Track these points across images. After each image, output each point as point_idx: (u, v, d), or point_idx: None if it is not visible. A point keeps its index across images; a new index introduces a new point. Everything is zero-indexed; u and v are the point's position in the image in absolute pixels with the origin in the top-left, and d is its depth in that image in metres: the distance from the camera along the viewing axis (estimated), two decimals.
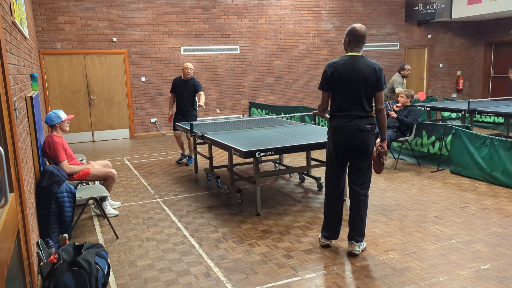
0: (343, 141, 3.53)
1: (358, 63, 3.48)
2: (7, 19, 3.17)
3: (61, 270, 2.96)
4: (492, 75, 14.40)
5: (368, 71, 3.46)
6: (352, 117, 3.49)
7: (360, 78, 3.45)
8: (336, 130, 3.56)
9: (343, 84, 3.50)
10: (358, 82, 3.46)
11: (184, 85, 7.08)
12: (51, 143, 4.45)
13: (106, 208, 4.85)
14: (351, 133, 3.48)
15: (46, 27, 9.55)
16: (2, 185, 1.95)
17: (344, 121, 3.51)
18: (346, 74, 3.47)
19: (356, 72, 3.46)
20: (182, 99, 7.13)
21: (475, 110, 7.44)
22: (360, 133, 3.47)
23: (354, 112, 3.50)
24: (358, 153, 3.53)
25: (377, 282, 3.21)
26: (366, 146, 3.51)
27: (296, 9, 11.97)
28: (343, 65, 3.50)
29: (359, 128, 3.46)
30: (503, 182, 5.39)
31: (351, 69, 3.46)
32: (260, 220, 4.60)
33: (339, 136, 3.54)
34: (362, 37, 3.52)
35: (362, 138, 3.48)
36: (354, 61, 3.48)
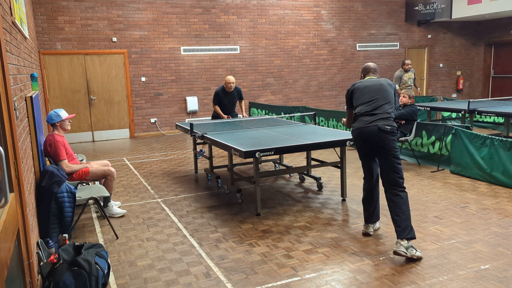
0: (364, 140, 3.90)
1: (375, 79, 4.01)
2: (7, 19, 3.17)
3: (61, 270, 2.96)
4: (492, 75, 14.40)
5: (384, 83, 3.96)
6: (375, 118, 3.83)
7: (378, 86, 3.92)
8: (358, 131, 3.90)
9: (363, 94, 3.91)
10: (377, 90, 3.89)
11: (229, 97, 7.46)
12: (52, 142, 4.45)
13: (112, 208, 4.85)
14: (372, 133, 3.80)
15: (46, 27, 9.55)
16: (2, 185, 1.95)
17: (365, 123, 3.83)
18: (366, 84, 3.95)
19: (374, 83, 3.95)
20: (228, 107, 7.53)
21: (475, 110, 7.44)
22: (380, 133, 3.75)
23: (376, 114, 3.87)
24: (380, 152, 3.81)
25: (377, 282, 3.21)
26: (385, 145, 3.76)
27: (296, 9, 11.97)
28: (361, 82, 4.01)
29: (379, 128, 3.73)
30: (503, 182, 5.39)
31: (370, 82, 3.96)
32: (260, 220, 4.60)
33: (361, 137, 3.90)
34: (374, 68, 4.11)
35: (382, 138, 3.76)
36: (371, 79, 4.03)
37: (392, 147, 3.73)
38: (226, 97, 7.39)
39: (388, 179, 3.72)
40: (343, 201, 5.11)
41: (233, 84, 7.30)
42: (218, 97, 7.39)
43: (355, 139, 3.92)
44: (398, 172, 3.73)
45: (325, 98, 12.75)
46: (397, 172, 3.73)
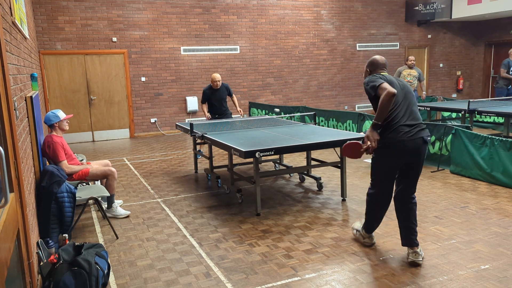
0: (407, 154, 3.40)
1: (397, 79, 3.54)
2: (7, 19, 3.17)
3: (61, 270, 2.96)
4: (492, 75, 14.39)
5: (406, 84, 3.56)
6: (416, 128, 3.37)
7: (409, 89, 3.49)
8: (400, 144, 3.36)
9: (399, 96, 3.39)
10: (406, 93, 3.45)
11: (216, 94, 7.46)
12: (50, 143, 4.45)
13: (116, 210, 4.84)
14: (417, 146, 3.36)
15: (46, 27, 9.55)
16: (2, 185, 1.95)
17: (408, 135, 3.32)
18: (398, 85, 3.45)
19: (399, 83, 3.48)
20: (218, 103, 7.52)
21: (475, 110, 7.43)
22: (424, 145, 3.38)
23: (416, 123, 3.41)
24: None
25: (377, 282, 3.21)
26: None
27: (296, 9, 11.97)
28: (389, 78, 3.46)
29: (424, 141, 3.34)
30: (503, 182, 5.39)
31: (396, 82, 3.46)
32: (260, 220, 4.60)
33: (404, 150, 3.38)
34: (384, 64, 3.60)
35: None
36: (391, 77, 3.50)
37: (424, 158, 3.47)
38: (214, 94, 7.43)
39: (413, 190, 3.50)
40: (343, 201, 5.11)
41: (219, 82, 7.36)
42: (206, 95, 7.44)
43: (394, 153, 3.35)
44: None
45: (325, 98, 12.75)
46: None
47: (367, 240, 3.84)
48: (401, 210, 3.51)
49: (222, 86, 7.51)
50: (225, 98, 7.55)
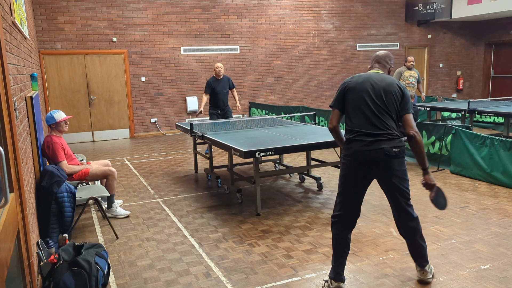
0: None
1: (372, 77, 3.07)
2: (7, 19, 3.17)
3: (61, 270, 2.96)
4: (492, 75, 14.39)
5: (386, 86, 3.00)
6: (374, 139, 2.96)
7: (384, 93, 2.98)
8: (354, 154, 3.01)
9: (355, 100, 3.02)
10: (371, 97, 2.99)
11: (220, 84, 7.56)
12: (50, 143, 4.45)
13: (116, 210, 4.84)
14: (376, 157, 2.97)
15: (46, 27, 9.55)
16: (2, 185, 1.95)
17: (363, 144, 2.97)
18: (357, 87, 3.04)
19: (379, 87, 3.01)
20: (220, 96, 7.58)
21: (475, 110, 7.44)
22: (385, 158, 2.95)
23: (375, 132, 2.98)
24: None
25: (377, 282, 3.21)
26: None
27: (296, 9, 11.97)
28: (357, 79, 3.09)
29: (385, 153, 2.92)
30: (503, 182, 5.39)
31: (362, 81, 3.05)
32: (260, 220, 4.60)
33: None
34: (379, 56, 3.21)
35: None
36: (368, 76, 3.09)
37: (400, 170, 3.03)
38: (217, 84, 7.52)
39: (399, 212, 3.08)
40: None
41: (222, 69, 7.50)
42: (209, 86, 7.54)
43: (351, 164, 3.02)
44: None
45: (325, 98, 12.74)
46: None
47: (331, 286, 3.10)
48: (402, 233, 3.15)
49: (225, 77, 7.63)
50: (227, 90, 7.63)
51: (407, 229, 3.07)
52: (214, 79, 7.56)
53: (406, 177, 3.05)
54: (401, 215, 3.06)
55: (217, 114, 7.62)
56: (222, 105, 7.61)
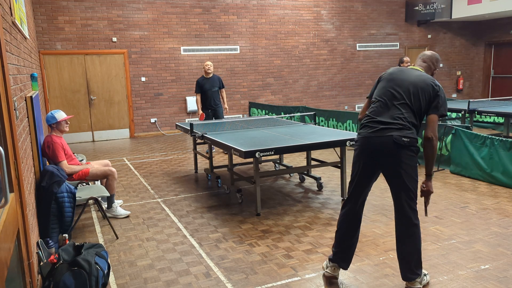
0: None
1: (409, 72, 3.06)
2: (7, 19, 3.17)
3: (61, 270, 2.96)
4: (492, 75, 14.40)
5: (418, 82, 2.96)
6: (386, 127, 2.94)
7: (414, 87, 2.95)
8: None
9: (382, 88, 3.06)
10: (397, 87, 2.99)
11: (208, 82, 7.61)
12: (50, 143, 4.45)
13: (116, 210, 4.84)
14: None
15: (46, 27, 9.55)
16: (2, 185, 1.95)
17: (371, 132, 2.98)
18: (397, 74, 3.06)
19: (409, 75, 3.01)
20: (210, 95, 7.62)
21: (475, 110, 7.43)
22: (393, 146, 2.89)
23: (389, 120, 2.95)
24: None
25: (377, 282, 3.20)
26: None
27: (296, 9, 11.97)
28: (396, 69, 3.12)
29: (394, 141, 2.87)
30: (503, 182, 5.39)
31: (396, 73, 3.07)
32: (260, 220, 4.60)
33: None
34: (426, 56, 3.17)
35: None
36: (405, 70, 3.09)
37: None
38: (206, 83, 7.57)
39: (399, 209, 2.99)
40: (343, 201, 5.11)
41: (211, 67, 7.58)
42: (198, 85, 7.61)
43: (359, 150, 3.05)
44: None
45: (325, 98, 12.74)
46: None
47: (328, 270, 3.23)
48: (396, 234, 3.05)
49: (215, 76, 7.70)
50: (217, 89, 7.68)
51: (403, 234, 2.95)
52: (203, 78, 7.63)
53: (416, 177, 2.94)
54: (401, 217, 2.95)
55: (209, 113, 7.68)
56: (212, 104, 7.66)
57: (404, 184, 2.91)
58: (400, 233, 2.99)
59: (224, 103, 7.85)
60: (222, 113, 7.82)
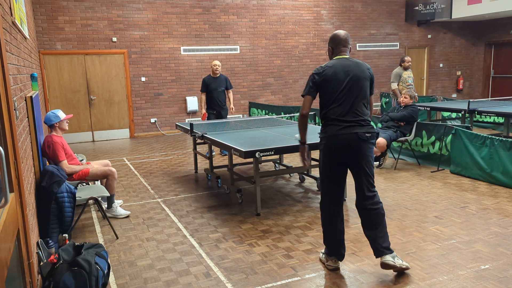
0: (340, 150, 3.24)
1: (347, 65, 3.25)
2: (7, 19, 3.17)
3: (61, 270, 2.96)
4: (492, 75, 14.40)
5: (361, 70, 3.24)
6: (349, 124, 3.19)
7: (359, 79, 3.21)
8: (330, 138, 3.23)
9: (341, 88, 3.19)
10: (359, 85, 3.21)
11: (215, 82, 7.47)
12: (50, 143, 4.45)
13: (116, 210, 4.84)
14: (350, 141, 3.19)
15: (46, 27, 9.55)
16: (2, 185, 1.95)
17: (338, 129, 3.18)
18: (337, 71, 3.21)
19: (354, 73, 3.22)
20: (215, 95, 7.47)
21: (475, 110, 7.44)
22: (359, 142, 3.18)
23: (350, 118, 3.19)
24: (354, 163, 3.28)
25: (377, 282, 3.21)
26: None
27: (296, 9, 11.97)
28: (331, 68, 3.24)
29: (358, 137, 3.15)
30: (503, 182, 5.39)
31: (345, 68, 3.23)
32: (260, 220, 4.60)
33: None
34: (345, 40, 3.32)
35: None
36: (343, 64, 3.26)
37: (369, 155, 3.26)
38: (213, 83, 7.43)
39: (363, 193, 3.32)
40: None
41: (219, 67, 7.43)
42: (204, 83, 7.47)
43: (328, 148, 3.24)
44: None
45: None
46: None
47: (329, 263, 3.41)
48: (360, 216, 3.33)
49: (222, 76, 7.54)
50: (224, 89, 7.54)
51: (371, 212, 3.23)
52: (210, 77, 7.51)
53: (373, 164, 3.33)
54: (366, 198, 3.26)
55: (213, 115, 7.56)
56: (218, 105, 7.51)
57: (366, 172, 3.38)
58: (369, 213, 3.27)
59: (230, 103, 7.69)
60: (226, 115, 7.69)
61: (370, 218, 3.26)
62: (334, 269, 3.41)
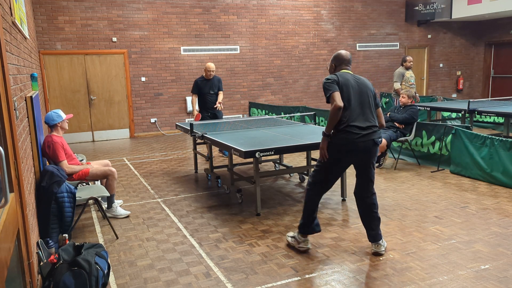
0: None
1: (354, 77, 3.58)
2: (7, 19, 3.17)
3: (61, 270, 2.96)
4: (492, 75, 14.40)
5: (367, 83, 3.60)
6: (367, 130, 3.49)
7: (365, 90, 3.54)
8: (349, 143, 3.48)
9: (349, 95, 3.45)
10: (364, 93, 3.53)
11: (207, 85, 7.25)
12: (50, 143, 4.45)
13: (116, 210, 4.84)
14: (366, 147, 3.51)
15: (46, 27, 9.55)
16: (2, 185, 1.95)
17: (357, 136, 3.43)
18: (351, 83, 3.50)
19: (359, 82, 3.55)
20: (208, 97, 7.28)
21: (475, 110, 7.44)
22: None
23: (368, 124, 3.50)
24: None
25: (377, 282, 3.21)
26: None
27: (296, 9, 11.97)
28: (343, 78, 3.50)
29: (374, 143, 3.50)
30: (503, 182, 5.39)
31: (354, 81, 3.53)
32: (260, 220, 4.60)
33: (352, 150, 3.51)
34: (348, 60, 3.65)
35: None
36: (351, 76, 3.57)
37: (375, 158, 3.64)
38: (205, 85, 7.22)
39: (369, 187, 3.68)
40: (343, 201, 5.11)
41: (213, 72, 7.18)
42: (196, 85, 7.24)
43: (343, 153, 3.47)
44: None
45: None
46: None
47: (302, 244, 3.74)
48: (359, 204, 3.71)
49: (215, 78, 7.30)
50: (216, 91, 7.29)
51: (369, 201, 3.63)
52: (203, 79, 7.25)
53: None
54: (368, 189, 3.64)
55: (208, 117, 7.37)
56: (212, 107, 7.30)
57: (372, 171, 3.73)
58: (368, 204, 3.67)
59: (218, 100, 7.30)
60: (222, 115, 7.54)
61: (368, 208, 3.67)
62: (305, 250, 3.74)
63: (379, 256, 3.62)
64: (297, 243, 3.78)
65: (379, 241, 3.66)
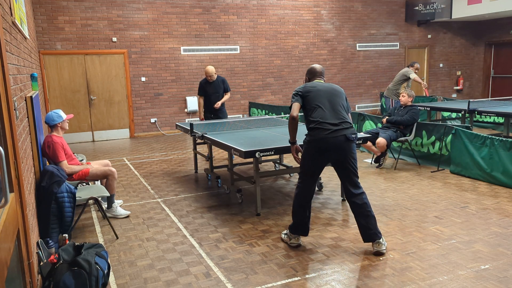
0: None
1: (323, 84, 3.88)
2: (7, 19, 3.17)
3: (61, 270, 2.96)
4: (492, 75, 14.40)
5: (335, 87, 3.87)
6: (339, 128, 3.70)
7: (336, 93, 3.82)
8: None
9: (319, 98, 3.72)
10: (333, 95, 3.79)
11: (211, 87, 7.19)
12: (50, 143, 4.45)
13: (116, 210, 4.84)
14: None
15: (46, 27, 9.55)
16: (2, 185, 1.95)
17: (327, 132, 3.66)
18: (319, 88, 3.78)
19: (327, 87, 3.84)
20: (214, 99, 7.21)
21: (475, 110, 7.44)
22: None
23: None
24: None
25: (377, 282, 3.21)
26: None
27: (296, 9, 11.97)
28: (312, 85, 3.82)
29: (346, 138, 3.64)
30: (503, 182, 5.39)
31: (323, 86, 3.82)
32: (260, 220, 4.60)
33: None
34: (321, 72, 4.01)
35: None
36: (320, 83, 3.88)
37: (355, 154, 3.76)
38: (208, 87, 7.19)
39: (352, 186, 3.73)
40: (343, 201, 5.11)
41: (213, 76, 7.11)
42: (201, 87, 7.23)
43: (317, 149, 3.65)
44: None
45: None
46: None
47: (293, 241, 3.90)
48: (352, 207, 3.72)
49: (219, 78, 7.23)
50: (221, 92, 7.23)
51: (359, 201, 3.64)
52: (206, 81, 7.21)
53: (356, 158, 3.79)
54: (354, 189, 3.67)
55: (211, 118, 7.32)
56: (213, 108, 7.21)
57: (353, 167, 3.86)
58: (358, 202, 3.66)
59: (220, 100, 7.23)
60: (226, 117, 7.45)
61: (361, 208, 3.67)
62: (297, 246, 3.87)
63: (379, 256, 3.62)
64: (288, 240, 3.93)
65: (379, 239, 3.66)
